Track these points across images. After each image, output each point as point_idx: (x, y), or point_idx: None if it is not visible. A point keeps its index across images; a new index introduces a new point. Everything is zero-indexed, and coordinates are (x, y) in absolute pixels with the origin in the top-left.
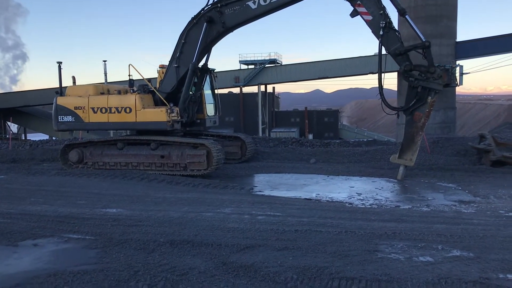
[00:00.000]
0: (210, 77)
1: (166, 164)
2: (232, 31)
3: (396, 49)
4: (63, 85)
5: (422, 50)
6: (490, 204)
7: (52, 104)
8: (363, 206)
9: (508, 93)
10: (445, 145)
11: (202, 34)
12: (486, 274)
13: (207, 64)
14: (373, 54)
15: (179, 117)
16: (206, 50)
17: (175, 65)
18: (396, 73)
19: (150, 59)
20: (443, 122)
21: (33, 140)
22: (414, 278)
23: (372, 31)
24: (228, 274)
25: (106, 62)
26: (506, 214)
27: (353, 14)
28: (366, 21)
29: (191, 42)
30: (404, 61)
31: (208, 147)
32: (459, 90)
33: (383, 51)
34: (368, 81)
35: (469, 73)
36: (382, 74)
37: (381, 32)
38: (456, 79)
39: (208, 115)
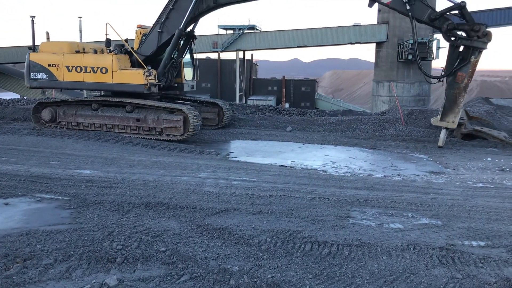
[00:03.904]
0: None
1: (142, 127)
2: (222, 8)
3: (430, 15)
4: (36, 42)
5: (458, 11)
6: (459, 175)
7: (24, 62)
8: (337, 174)
9: (481, 69)
10: (419, 117)
11: (192, 5)
12: (452, 241)
13: (194, 31)
14: (353, 24)
15: (157, 81)
16: (193, 20)
17: (159, 30)
18: (374, 44)
19: (127, 19)
20: (417, 95)
21: (3, 99)
22: (384, 244)
23: (398, 11)
24: (202, 236)
25: (81, 19)
26: (474, 185)
27: (371, 3)
28: (387, 4)
29: (179, 9)
30: (444, 22)
31: (185, 112)
32: (435, 64)
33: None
34: (346, 52)
35: (446, 47)
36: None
37: (407, 7)
38: (432, 53)
39: (186, 80)
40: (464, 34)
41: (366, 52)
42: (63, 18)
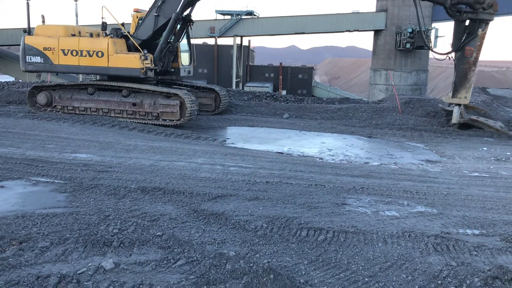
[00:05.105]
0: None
1: (138, 112)
2: None
3: None
4: (31, 25)
5: None
6: (455, 164)
7: (18, 45)
8: (333, 161)
9: (479, 59)
10: (416, 106)
11: None
12: (447, 229)
13: (190, 15)
14: (351, 12)
15: (153, 65)
16: (190, 4)
17: (155, 14)
18: (372, 32)
19: (123, 2)
20: (414, 84)
21: None
22: (379, 231)
23: None
24: (199, 221)
25: (77, 2)
26: (469, 174)
27: None
28: None
29: None
30: None
31: (181, 97)
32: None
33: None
34: (344, 40)
35: (443, 36)
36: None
37: None
38: (431, 42)
39: (183, 65)
40: (468, 8)
41: (364, 40)
42: (59, 1)
